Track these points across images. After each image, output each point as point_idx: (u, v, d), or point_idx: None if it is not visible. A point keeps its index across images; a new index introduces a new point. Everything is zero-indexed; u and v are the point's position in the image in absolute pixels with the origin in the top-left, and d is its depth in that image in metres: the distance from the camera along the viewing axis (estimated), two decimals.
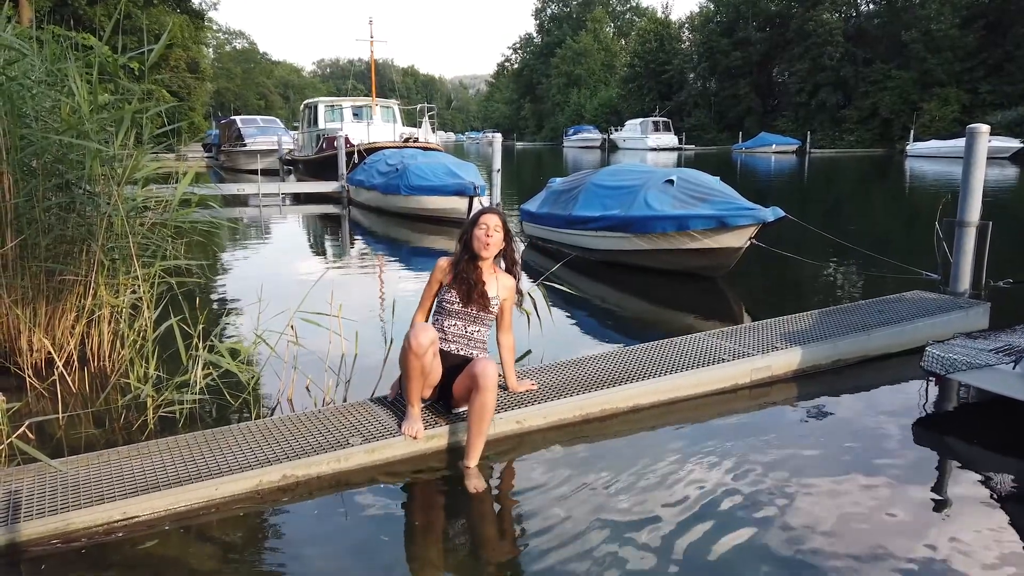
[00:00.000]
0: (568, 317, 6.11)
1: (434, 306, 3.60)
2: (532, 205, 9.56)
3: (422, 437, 3.29)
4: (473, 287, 3.46)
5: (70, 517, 2.66)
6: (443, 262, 3.57)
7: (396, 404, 3.58)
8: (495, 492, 3.10)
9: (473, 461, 3.20)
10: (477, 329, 3.53)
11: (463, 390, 3.34)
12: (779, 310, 5.27)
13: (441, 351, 3.42)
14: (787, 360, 4.35)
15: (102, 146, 4.40)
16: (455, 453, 3.36)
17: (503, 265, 3.63)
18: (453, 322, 3.49)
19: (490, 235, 3.45)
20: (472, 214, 3.61)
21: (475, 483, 3.09)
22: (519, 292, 3.68)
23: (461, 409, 3.46)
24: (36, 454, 2.63)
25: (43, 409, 3.89)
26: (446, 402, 3.49)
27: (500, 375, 3.38)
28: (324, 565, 2.56)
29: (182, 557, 2.59)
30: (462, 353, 3.49)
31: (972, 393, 4.13)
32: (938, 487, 3.15)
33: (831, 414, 3.90)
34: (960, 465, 3.41)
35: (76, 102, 4.44)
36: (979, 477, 3.21)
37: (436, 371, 3.38)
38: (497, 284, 3.55)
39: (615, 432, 3.63)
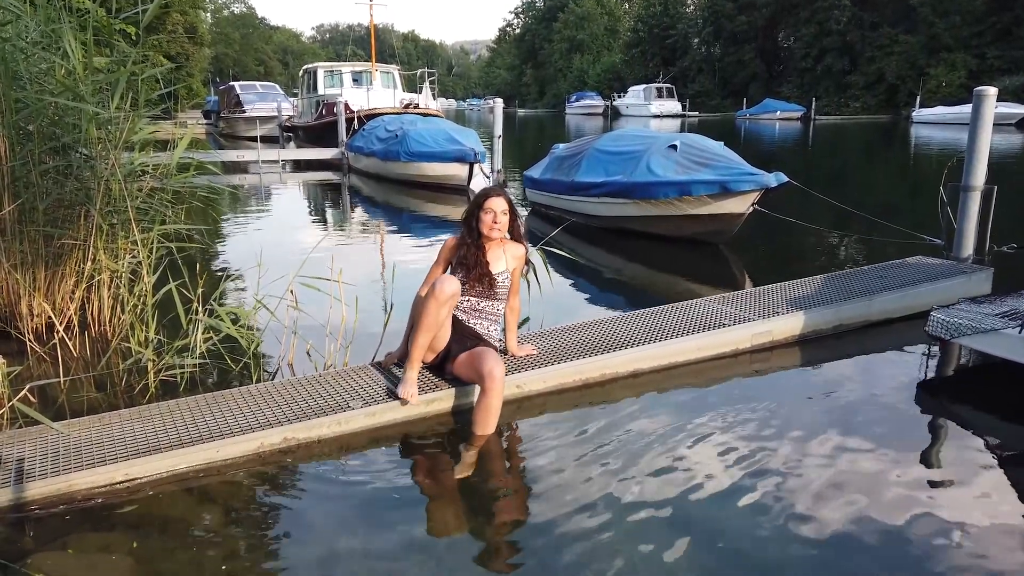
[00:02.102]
0: (569, 283, 6.10)
1: None
2: (535, 171, 9.48)
3: (416, 401, 3.28)
4: (476, 270, 3.44)
5: (72, 478, 2.68)
6: (451, 241, 3.57)
7: (397, 369, 3.57)
8: (494, 455, 3.10)
9: (480, 438, 3.16)
10: (489, 303, 3.52)
11: (464, 375, 3.35)
12: (781, 276, 5.24)
13: (453, 317, 3.41)
14: (789, 325, 4.34)
15: (98, 109, 4.35)
16: (455, 416, 3.37)
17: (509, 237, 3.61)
18: (465, 297, 3.47)
19: (497, 220, 3.45)
20: (477, 195, 3.58)
21: (463, 471, 2.96)
22: (527, 262, 3.67)
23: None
24: (38, 417, 2.64)
25: (44, 373, 3.90)
26: (448, 369, 3.46)
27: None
28: (325, 526, 2.57)
29: (184, 518, 2.60)
30: (471, 324, 3.49)
31: (974, 358, 4.13)
32: (941, 451, 3.16)
33: (832, 379, 3.90)
34: (963, 429, 3.41)
35: (71, 64, 4.37)
36: (982, 441, 3.21)
37: (445, 333, 3.37)
38: (505, 255, 3.55)
39: (615, 396, 3.63)
